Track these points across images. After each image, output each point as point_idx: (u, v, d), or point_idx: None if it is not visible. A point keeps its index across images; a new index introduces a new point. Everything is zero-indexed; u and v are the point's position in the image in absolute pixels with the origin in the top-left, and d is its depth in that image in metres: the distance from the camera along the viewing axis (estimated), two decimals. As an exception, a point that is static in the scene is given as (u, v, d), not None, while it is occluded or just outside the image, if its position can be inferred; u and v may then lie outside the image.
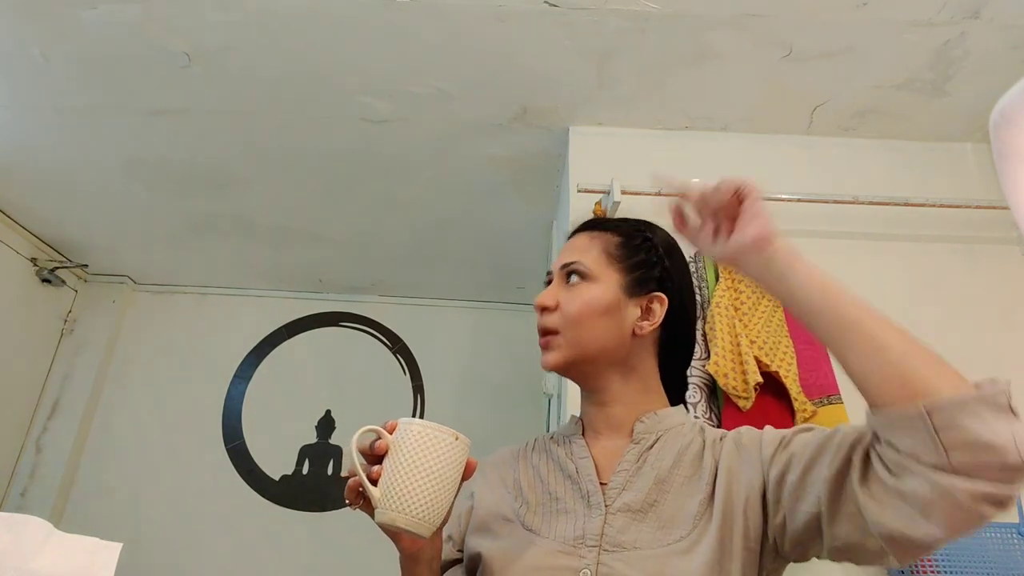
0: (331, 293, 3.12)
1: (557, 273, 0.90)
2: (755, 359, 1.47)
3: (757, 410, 1.44)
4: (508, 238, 2.62)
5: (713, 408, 1.50)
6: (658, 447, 0.82)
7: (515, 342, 3.03)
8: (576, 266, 0.88)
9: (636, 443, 0.83)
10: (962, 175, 1.96)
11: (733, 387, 1.45)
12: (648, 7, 1.61)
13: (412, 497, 0.68)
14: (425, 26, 1.69)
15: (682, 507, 0.75)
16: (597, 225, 0.94)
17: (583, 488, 0.80)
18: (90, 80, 1.88)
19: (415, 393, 2.98)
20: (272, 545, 2.68)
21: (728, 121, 1.99)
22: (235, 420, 2.88)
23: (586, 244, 0.91)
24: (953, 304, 1.79)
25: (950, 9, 1.58)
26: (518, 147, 2.12)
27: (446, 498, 0.70)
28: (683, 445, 0.82)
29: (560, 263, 0.91)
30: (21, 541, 0.71)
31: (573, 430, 0.90)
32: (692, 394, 1.49)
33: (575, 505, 0.79)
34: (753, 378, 1.43)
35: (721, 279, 1.61)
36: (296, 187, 2.35)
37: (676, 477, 0.78)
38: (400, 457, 0.70)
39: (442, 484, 0.70)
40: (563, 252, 0.93)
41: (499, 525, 0.83)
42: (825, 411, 1.49)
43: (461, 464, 0.72)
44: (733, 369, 1.47)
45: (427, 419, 0.78)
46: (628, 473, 0.80)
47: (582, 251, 0.90)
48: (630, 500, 0.77)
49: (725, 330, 1.52)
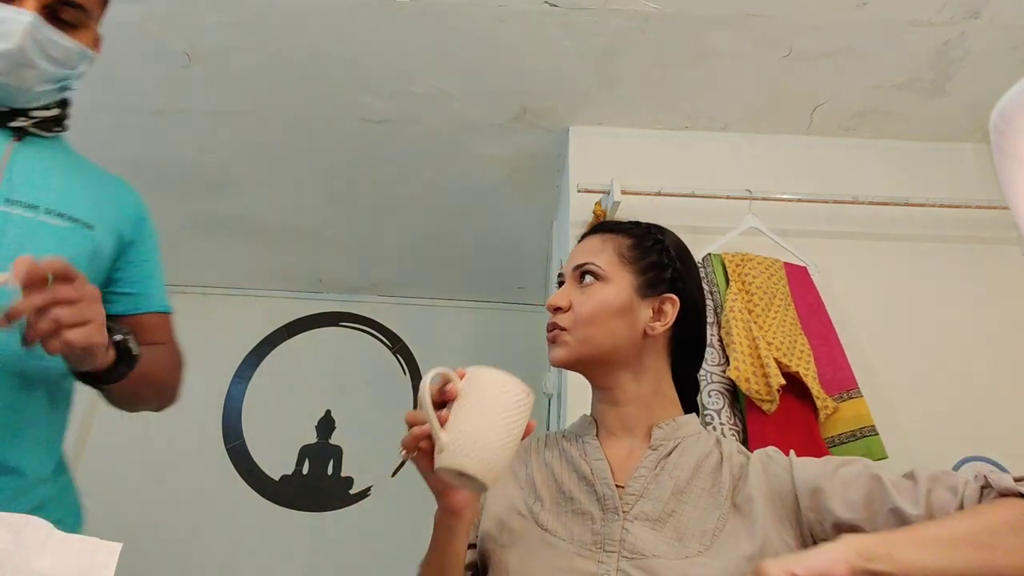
0: (331, 293, 3.12)
1: (570, 274, 0.91)
2: (775, 361, 1.46)
3: (780, 411, 1.44)
4: (508, 238, 2.62)
5: (737, 413, 1.49)
6: (676, 455, 0.82)
7: (515, 342, 3.02)
8: (589, 267, 0.88)
9: (654, 449, 0.83)
10: (962, 175, 1.95)
11: (756, 391, 1.44)
12: (648, 7, 1.61)
13: (482, 443, 0.66)
14: (425, 26, 1.69)
15: (700, 520, 0.75)
16: (609, 227, 0.95)
17: (599, 491, 0.80)
18: (90, 80, 1.87)
19: (415, 393, 2.98)
20: (272, 545, 2.68)
21: (728, 121, 1.98)
22: (235, 420, 2.88)
23: (598, 246, 0.91)
24: (953, 304, 1.79)
25: (950, 9, 1.58)
26: (518, 147, 2.12)
27: (511, 450, 0.68)
28: (701, 456, 0.82)
29: (573, 264, 0.91)
30: (21, 541, 0.71)
31: (586, 429, 0.89)
32: (715, 401, 1.48)
33: (590, 507, 0.79)
34: (776, 381, 1.42)
35: (732, 283, 1.60)
36: (296, 187, 2.35)
37: (694, 489, 0.79)
38: (472, 403, 0.67)
39: (510, 435, 0.67)
40: (575, 254, 0.93)
41: (513, 519, 0.82)
42: (846, 406, 1.49)
43: (526, 420, 0.69)
44: (754, 373, 1.45)
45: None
46: (645, 480, 0.80)
47: (595, 252, 0.90)
48: (648, 509, 0.77)
49: (742, 334, 1.50)
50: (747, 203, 1.75)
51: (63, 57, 0.89)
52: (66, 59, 0.89)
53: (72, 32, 0.89)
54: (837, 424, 1.48)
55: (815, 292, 1.67)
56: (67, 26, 0.89)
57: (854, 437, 1.46)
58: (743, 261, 1.64)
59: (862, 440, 1.45)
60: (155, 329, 1.01)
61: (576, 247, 0.95)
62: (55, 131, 0.96)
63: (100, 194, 0.97)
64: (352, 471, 2.83)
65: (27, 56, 0.84)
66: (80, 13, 0.89)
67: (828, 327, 1.61)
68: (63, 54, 0.88)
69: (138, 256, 0.99)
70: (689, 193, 1.73)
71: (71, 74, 0.92)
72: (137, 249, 0.99)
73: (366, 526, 2.73)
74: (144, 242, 1.01)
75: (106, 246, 0.94)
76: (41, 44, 0.85)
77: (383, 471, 2.82)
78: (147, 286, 0.98)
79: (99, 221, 0.93)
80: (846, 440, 1.47)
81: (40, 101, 0.92)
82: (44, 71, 0.88)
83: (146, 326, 0.99)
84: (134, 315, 0.99)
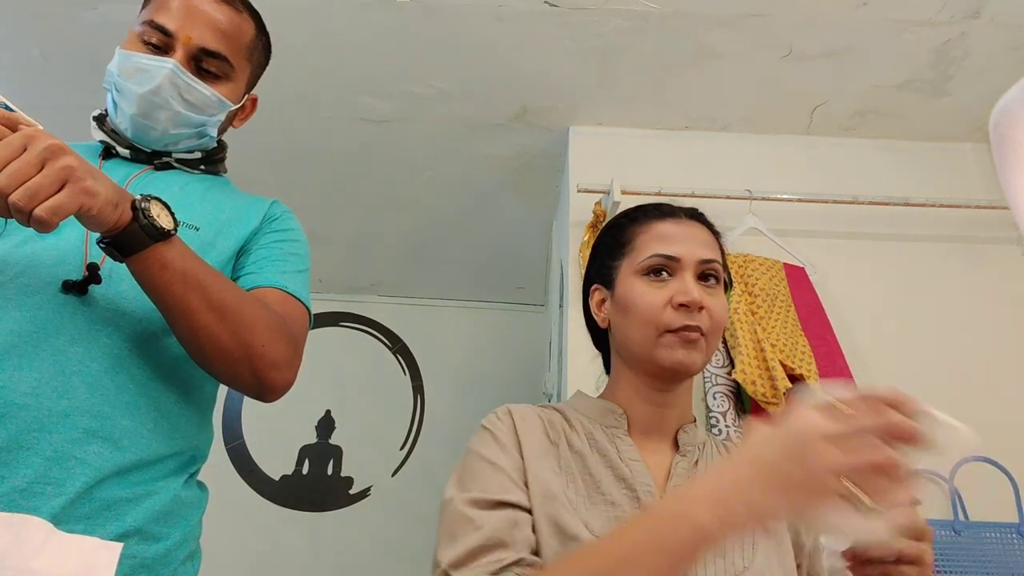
0: (331, 293, 3.12)
1: (692, 265, 0.81)
2: (780, 364, 1.46)
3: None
4: (508, 238, 2.62)
5: (742, 416, 1.49)
6: (702, 464, 0.81)
7: (515, 342, 3.03)
8: (716, 267, 0.82)
9: (683, 456, 0.81)
10: (962, 175, 1.95)
11: (762, 394, 1.43)
12: (648, 7, 1.61)
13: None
14: (425, 26, 1.69)
15: (736, 536, 0.73)
16: (707, 223, 0.88)
17: (642, 499, 0.75)
18: (90, 80, 1.88)
19: (415, 393, 2.98)
20: (272, 545, 2.68)
21: (728, 121, 1.98)
22: (235, 420, 2.88)
23: (711, 242, 0.85)
24: (953, 304, 1.79)
25: (950, 9, 1.58)
26: (518, 147, 2.12)
27: None
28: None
29: (697, 256, 0.81)
30: (21, 541, 0.71)
31: (616, 421, 0.82)
32: (720, 403, 1.48)
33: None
34: (783, 384, 1.42)
35: (735, 285, 1.60)
36: (296, 187, 2.34)
37: None
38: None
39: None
40: (689, 240, 0.82)
41: (563, 515, 0.71)
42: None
43: None
44: (760, 376, 1.45)
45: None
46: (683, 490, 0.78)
47: (714, 249, 0.84)
48: None
49: (747, 336, 1.50)
50: (747, 203, 1.75)
51: (198, 102, 0.96)
52: (201, 105, 0.96)
53: (214, 82, 0.97)
54: None
55: (814, 293, 1.67)
56: (210, 76, 0.97)
57: None
58: (745, 262, 1.64)
59: None
60: (266, 300, 0.94)
61: (684, 230, 0.84)
62: (200, 169, 1.04)
63: (220, 204, 1.00)
64: (352, 471, 2.83)
65: (162, 97, 0.92)
66: (224, 65, 0.97)
67: (827, 328, 1.62)
68: (199, 99, 0.95)
69: (256, 245, 0.99)
70: (689, 193, 1.73)
71: (207, 120, 0.99)
72: (257, 241, 1.00)
73: (366, 526, 2.73)
74: (265, 235, 1.01)
75: (218, 245, 0.95)
76: (179, 88, 0.93)
77: (383, 471, 2.82)
78: (260, 266, 0.96)
79: (209, 224, 0.95)
80: None
81: (179, 145, 0.99)
82: (177, 113, 0.94)
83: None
84: (249, 290, 0.95)
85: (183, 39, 0.93)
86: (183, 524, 0.86)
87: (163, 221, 0.76)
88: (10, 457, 0.74)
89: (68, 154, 0.69)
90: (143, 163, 0.98)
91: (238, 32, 0.99)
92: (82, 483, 0.76)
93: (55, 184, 0.67)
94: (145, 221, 0.75)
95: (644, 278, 0.81)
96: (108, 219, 0.72)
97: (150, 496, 0.82)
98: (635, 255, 0.83)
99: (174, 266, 0.77)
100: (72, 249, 0.85)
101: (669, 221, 0.85)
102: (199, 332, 0.81)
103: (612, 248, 0.88)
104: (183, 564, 0.85)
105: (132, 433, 0.81)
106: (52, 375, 0.78)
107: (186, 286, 0.78)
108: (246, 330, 0.83)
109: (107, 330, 0.83)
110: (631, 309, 0.81)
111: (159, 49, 0.93)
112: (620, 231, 0.88)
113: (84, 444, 0.77)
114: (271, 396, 0.91)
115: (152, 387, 0.85)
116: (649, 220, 0.86)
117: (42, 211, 0.66)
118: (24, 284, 0.82)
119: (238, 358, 0.83)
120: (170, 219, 0.78)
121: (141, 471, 0.82)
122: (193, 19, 0.94)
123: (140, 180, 0.95)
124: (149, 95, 0.92)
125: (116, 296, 0.85)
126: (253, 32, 1.03)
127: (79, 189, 0.68)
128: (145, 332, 0.86)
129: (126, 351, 0.84)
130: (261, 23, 1.06)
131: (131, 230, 0.75)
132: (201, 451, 0.94)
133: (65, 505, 0.74)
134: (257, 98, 1.11)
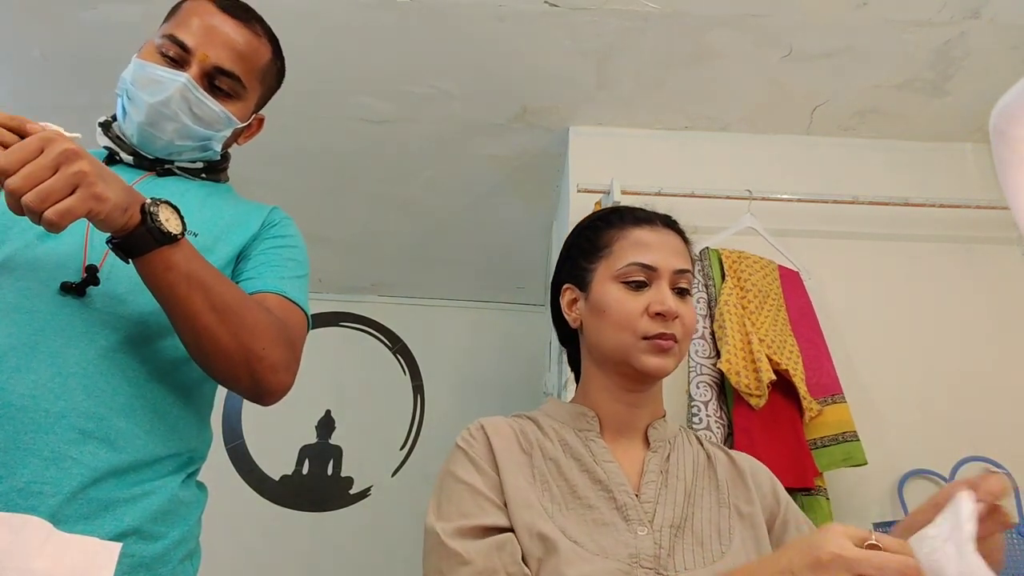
0: (331, 293, 3.12)
1: (667, 275, 0.83)
2: (766, 357, 1.47)
3: (767, 408, 1.45)
4: (508, 238, 2.62)
5: (723, 406, 1.50)
6: (674, 458, 0.83)
7: (515, 342, 3.03)
8: (689, 277, 0.86)
9: (654, 452, 0.83)
10: (962, 175, 1.96)
11: (746, 385, 1.45)
12: (648, 7, 1.61)
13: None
14: (425, 26, 1.69)
15: (713, 523, 0.77)
16: (680, 231, 0.90)
17: (618, 500, 0.76)
18: (90, 80, 1.88)
19: (415, 393, 2.98)
20: (272, 545, 2.68)
21: (728, 121, 1.98)
22: (235, 420, 2.88)
23: (683, 250, 0.88)
24: (953, 304, 1.79)
25: (950, 9, 1.58)
26: (518, 147, 2.12)
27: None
28: (693, 456, 0.84)
29: (673, 266, 0.84)
30: (21, 541, 0.71)
31: (587, 424, 0.84)
32: (702, 392, 1.49)
33: (612, 518, 0.75)
34: (767, 376, 1.43)
35: (728, 278, 1.61)
36: (296, 187, 2.35)
37: (698, 490, 0.80)
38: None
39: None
40: (663, 249, 0.85)
41: (538, 522, 0.73)
42: (830, 410, 1.51)
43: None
44: (745, 367, 1.46)
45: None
46: (656, 485, 0.79)
47: (686, 259, 0.87)
48: (669, 517, 0.76)
49: (735, 328, 1.51)
50: (747, 203, 1.75)
51: (206, 117, 0.97)
52: (209, 120, 0.98)
53: (224, 100, 0.99)
54: (820, 427, 1.50)
55: (806, 297, 1.68)
56: (221, 94, 0.98)
57: (835, 441, 1.48)
58: (739, 258, 1.65)
59: (843, 445, 1.47)
60: (266, 305, 0.94)
61: (655, 237, 0.86)
62: (202, 177, 1.05)
63: (220, 209, 1.01)
64: (352, 471, 2.83)
65: (172, 109, 0.94)
66: (236, 85, 0.99)
67: (817, 332, 1.63)
68: (207, 114, 0.97)
69: (255, 251, 1.01)
70: (689, 193, 1.73)
71: (213, 135, 1.00)
72: (256, 246, 1.01)
73: (366, 526, 2.73)
74: (264, 241, 1.02)
75: (217, 250, 0.96)
76: (189, 102, 0.95)
77: (383, 471, 2.82)
78: (260, 272, 0.97)
79: (208, 229, 0.96)
80: (827, 444, 1.48)
81: (182, 155, 1.01)
82: (185, 126, 0.96)
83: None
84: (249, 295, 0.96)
85: (200, 56, 0.95)
86: (181, 524, 0.86)
87: (171, 225, 0.78)
88: (9, 458, 0.75)
89: (82, 159, 0.71)
90: (145, 169, 0.99)
91: (254, 55, 1.01)
92: (78, 483, 0.76)
93: (67, 188, 0.69)
94: (152, 225, 0.76)
95: (621, 284, 0.83)
96: (116, 223, 0.74)
97: (148, 496, 0.82)
98: (612, 260, 0.85)
99: (179, 268, 0.79)
100: (72, 253, 0.86)
101: (646, 228, 0.87)
102: (201, 333, 0.82)
103: (587, 251, 0.89)
104: (182, 563, 0.86)
105: (128, 434, 0.82)
106: (50, 377, 0.79)
107: (190, 288, 0.79)
108: (247, 333, 0.84)
109: (105, 332, 0.83)
110: (607, 313, 0.82)
111: (175, 63, 0.95)
112: (596, 234, 0.89)
113: (80, 445, 0.78)
114: (269, 399, 0.92)
115: (149, 388, 0.86)
116: (626, 226, 0.87)
117: (52, 213, 0.68)
118: (24, 287, 0.82)
119: (238, 360, 0.84)
120: (178, 222, 0.80)
121: (138, 471, 0.82)
122: (212, 38, 0.96)
123: (141, 186, 0.95)
124: (159, 106, 0.93)
125: (114, 298, 0.85)
126: (269, 56, 1.05)
127: (89, 194, 0.70)
128: (143, 334, 0.86)
129: (124, 352, 0.84)
130: (278, 48, 1.08)
131: (138, 233, 0.76)
132: (199, 452, 0.94)
133: (62, 504, 0.75)
134: (264, 118, 1.13)
